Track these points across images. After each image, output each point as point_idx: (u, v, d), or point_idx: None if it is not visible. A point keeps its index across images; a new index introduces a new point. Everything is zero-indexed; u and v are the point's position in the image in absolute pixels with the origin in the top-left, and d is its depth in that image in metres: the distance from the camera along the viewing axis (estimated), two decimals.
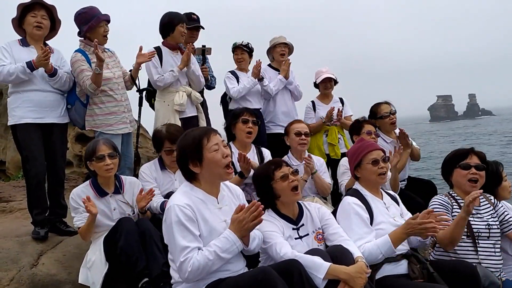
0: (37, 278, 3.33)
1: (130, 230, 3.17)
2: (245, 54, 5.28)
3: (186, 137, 2.60)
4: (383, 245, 2.81)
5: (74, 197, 3.35)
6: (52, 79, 3.90)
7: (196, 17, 5.23)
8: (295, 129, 4.23)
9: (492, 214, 3.23)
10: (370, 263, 2.75)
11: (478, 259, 3.05)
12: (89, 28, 4.02)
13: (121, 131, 4.16)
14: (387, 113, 4.64)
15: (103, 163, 3.32)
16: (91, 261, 3.27)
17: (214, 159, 2.49)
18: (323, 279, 2.47)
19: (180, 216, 2.39)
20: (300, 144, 4.20)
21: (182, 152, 2.57)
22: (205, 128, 2.66)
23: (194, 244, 2.39)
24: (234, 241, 2.42)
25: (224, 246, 2.41)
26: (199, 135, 2.53)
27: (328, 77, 5.41)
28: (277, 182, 2.91)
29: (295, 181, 2.91)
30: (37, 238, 3.81)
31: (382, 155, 3.14)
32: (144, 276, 3.05)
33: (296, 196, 2.92)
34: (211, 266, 2.38)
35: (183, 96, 4.51)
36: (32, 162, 3.82)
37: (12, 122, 3.86)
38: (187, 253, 2.35)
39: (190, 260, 2.34)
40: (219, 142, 2.53)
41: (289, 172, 2.93)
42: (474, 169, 3.21)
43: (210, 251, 2.38)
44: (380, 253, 2.80)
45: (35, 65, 3.72)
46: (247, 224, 2.41)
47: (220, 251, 2.39)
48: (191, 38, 5.23)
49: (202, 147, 2.49)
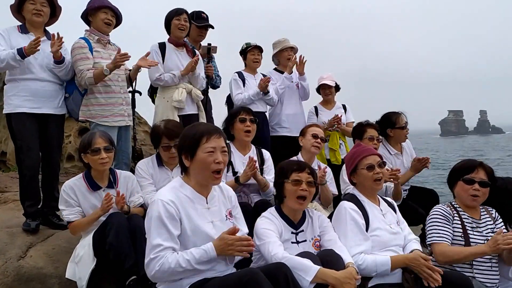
0: (23, 270, 3.28)
1: (121, 225, 3.10)
2: (260, 55, 5.28)
3: (191, 128, 2.57)
4: (381, 265, 2.79)
5: (66, 190, 3.29)
6: (59, 66, 3.84)
7: (206, 16, 5.20)
8: (313, 131, 4.20)
9: (492, 229, 3.15)
10: (362, 275, 2.75)
11: (473, 273, 2.98)
12: (90, 9, 4.02)
13: (117, 123, 4.09)
14: (405, 125, 4.54)
15: (98, 156, 3.26)
16: (79, 256, 3.21)
17: (205, 161, 2.43)
18: (311, 282, 2.44)
19: (161, 212, 2.34)
20: (314, 146, 4.15)
21: (180, 140, 2.55)
22: (212, 127, 2.57)
23: (168, 244, 2.32)
24: (212, 257, 2.35)
25: (201, 258, 2.34)
26: (202, 132, 2.47)
27: (327, 83, 5.37)
28: (288, 183, 2.90)
29: (306, 191, 2.86)
30: (28, 230, 3.75)
31: (378, 160, 3.10)
32: (133, 274, 2.98)
33: (299, 205, 2.88)
34: (181, 273, 2.32)
35: (183, 92, 4.47)
36: (26, 152, 3.76)
37: (7, 111, 3.80)
38: (158, 251, 2.30)
39: (161, 259, 2.29)
40: (217, 146, 2.46)
41: (305, 180, 2.88)
42: (478, 185, 3.12)
43: (184, 258, 2.32)
44: (375, 272, 2.79)
45: (26, 52, 3.62)
46: (231, 251, 2.36)
47: (195, 262, 2.33)
48: (199, 36, 5.21)
49: (198, 144, 2.44)
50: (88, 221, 3.24)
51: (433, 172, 22.48)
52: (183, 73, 4.42)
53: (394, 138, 4.57)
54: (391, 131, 4.53)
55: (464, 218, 3.14)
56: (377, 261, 2.79)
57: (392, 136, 4.56)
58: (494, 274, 3.02)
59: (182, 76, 4.44)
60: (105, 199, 3.23)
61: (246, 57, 5.30)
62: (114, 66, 3.91)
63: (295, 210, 2.94)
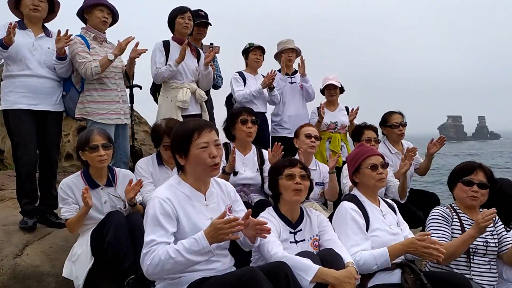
0: (19, 268, 3.24)
1: (120, 224, 3.07)
2: (262, 56, 5.28)
3: (181, 125, 2.54)
4: (380, 256, 2.75)
5: (64, 188, 3.25)
6: (61, 62, 3.81)
7: (204, 13, 5.22)
8: (306, 131, 4.19)
9: (492, 231, 3.15)
10: (363, 272, 2.74)
11: (470, 275, 2.99)
12: (86, 6, 4.00)
13: (113, 121, 4.06)
14: (397, 124, 4.59)
15: (96, 153, 3.22)
16: (76, 255, 3.17)
17: (199, 156, 2.39)
18: (311, 282, 2.42)
19: (157, 209, 2.31)
20: (309, 146, 4.13)
21: (172, 139, 2.52)
22: (202, 122, 2.52)
23: (162, 239, 2.27)
24: (204, 245, 2.21)
25: (191, 247, 2.21)
26: (192, 128, 2.42)
27: (333, 84, 5.34)
28: (283, 179, 2.89)
29: (300, 184, 2.85)
30: (24, 228, 3.72)
31: (381, 161, 3.11)
32: (131, 273, 2.94)
33: (296, 196, 2.86)
34: (173, 265, 2.21)
35: (187, 93, 4.46)
36: (23, 149, 3.71)
37: (4, 107, 3.76)
38: (151, 246, 2.25)
39: (152, 253, 2.23)
40: (210, 141, 2.41)
41: (298, 174, 2.88)
42: (477, 186, 3.14)
43: (174, 249, 2.22)
44: (375, 264, 2.76)
45: (6, 42, 3.55)
46: (222, 234, 2.23)
47: (185, 251, 2.21)
48: (199, 34, 5.22)
49: (190, 141, 2.39)
50: (78, 217, 3.16)
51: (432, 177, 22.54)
52: (177, 61, 4.37)
53: (389, 137, 4.65)
54: (384, 129, 4.64)
55: (464, 220, 3.15)
56: (374, 254, 2.77)
57: (387, 135, 4.65)
58: (492, 276, 3.02)
59: (177, 64, 4.38)
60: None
61: (248, 57, 5.30)
62: (118, 51, 3.94)
63: (293, 206, 2.92)
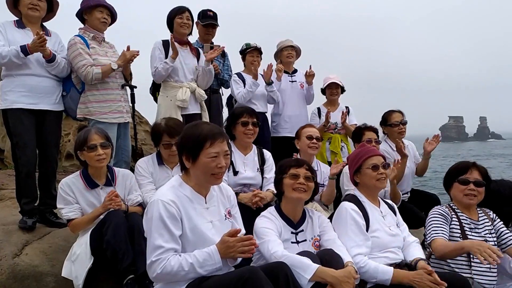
0: (18, 268, 3.23)
1: (119, 224, 3.06)
2: (259, 57, 5.23)
3: (194, 128, 2.45)
4: (383, 274, 2.75)
5: (64, 187, 3.24)
6: (50, 64, 3.79)
7: (213, 13, 5.16)
8: (307, 132, 4.19)
9: (490, 230, 3.18)
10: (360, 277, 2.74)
11: (471, 274, 2.98)
12: (86, 7, 3.99)
13: (116, 120, 4.04)
14: (397, 122, 4.62)
15: (94, 153, 3.21)
16: (76, 254, 3.16)
17: (207, 165, 2.36)
18: (310, 280, 2.44)
19: (162, 212, 2.28)
20: (310, 147, 4.14)
21: (182, 140, 2.44)
22: (216, 129, 2.45)
23: (170, 245, 2.27)
24: (216, 261, 2.31)
25: (205, 262, 2.29)
26: (205, 135, 2.37)
27: (335, 82, 5.34)
28: (287, 177, 2.92)
29: (304, 185, 2.87)
30: (24, 228, 3.70)
31: (382, 161, 3.12)
32: (130, 273, 2.94)
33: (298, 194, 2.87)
34: (183, 276, 2.28)
35: (186, 92, 4.45)
36: (23, 149, 3.70)
37: (3, 107, 3.74)
38: (160, 253, 2.25)
39: (162, 262, 2.24)
40: (220, 151, 2.38)
41: (303, 174, 2.89)
42: (473, 184, 3.17)
43: (188, 262, 2.27)
44: (375, 279, 2.76)
45: (30, 50, 3.59)
46: (234, 252, 2.30)
47: (198, 266, 2.28)
48: (207, 35, 5.19)
49: (201, 148, 2.36)
50: (89, 219, 3.19)
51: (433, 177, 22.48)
52: (173, 56, 4.35)
53: (390, 135, 4.68)
54: (385, 129, 4.69)
55: (462, 219, 3.17)
56: (379, 268, 2.76)
57: (387, 133, 4.69)
58: (492, 275, 3.02)
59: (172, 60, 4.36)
60: (108, 196, 3.17)
61: (245, 58, 5.25)
62: (122, 62, 3.95)
63: (295, 205, 2.93)
